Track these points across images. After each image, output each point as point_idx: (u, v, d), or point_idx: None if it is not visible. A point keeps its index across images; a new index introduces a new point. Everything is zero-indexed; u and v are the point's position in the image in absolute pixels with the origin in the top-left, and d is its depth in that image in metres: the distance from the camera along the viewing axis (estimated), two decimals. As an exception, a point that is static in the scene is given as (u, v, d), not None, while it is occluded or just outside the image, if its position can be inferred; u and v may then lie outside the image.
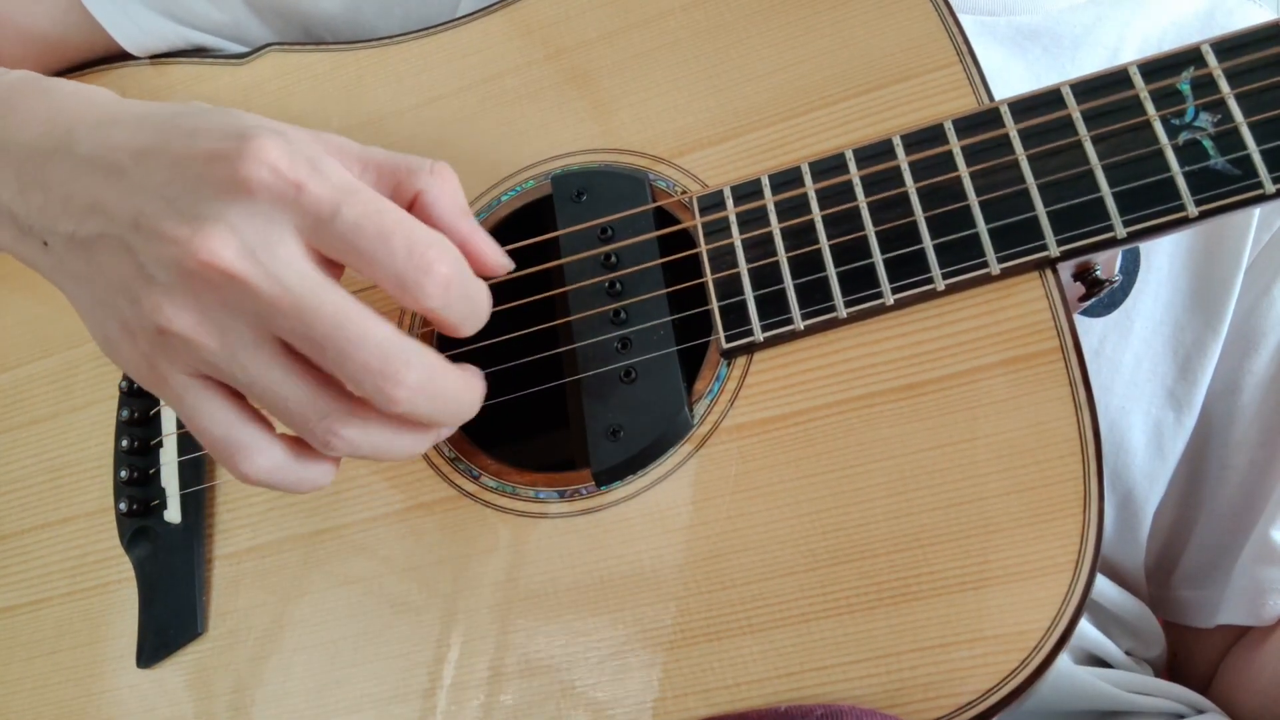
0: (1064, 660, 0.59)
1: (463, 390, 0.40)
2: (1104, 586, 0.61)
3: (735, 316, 0.46)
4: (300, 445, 0.40)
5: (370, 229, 0.36)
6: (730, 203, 0.48)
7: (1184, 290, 0.58)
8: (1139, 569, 0.63)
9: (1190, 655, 0.66)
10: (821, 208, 0.46)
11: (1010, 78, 0.59)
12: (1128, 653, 0.62)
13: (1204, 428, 0.60)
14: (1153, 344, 0.58)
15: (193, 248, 0.35)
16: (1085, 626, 0.60)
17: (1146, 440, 0.59)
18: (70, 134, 0.41)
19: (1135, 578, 0.63)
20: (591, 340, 0.48)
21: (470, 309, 0.39)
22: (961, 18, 0.48)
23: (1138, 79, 0.43)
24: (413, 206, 0.40)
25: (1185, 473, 0.61)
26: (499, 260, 0.42)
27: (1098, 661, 0.62)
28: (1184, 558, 0.64)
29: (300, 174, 0.36)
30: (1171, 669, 0.68)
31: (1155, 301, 0.58)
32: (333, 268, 0.38)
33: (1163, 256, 0.58)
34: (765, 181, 0.48)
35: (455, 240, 0.41)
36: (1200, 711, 0.59)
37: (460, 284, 0.38)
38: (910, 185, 0.45)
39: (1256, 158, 0.41)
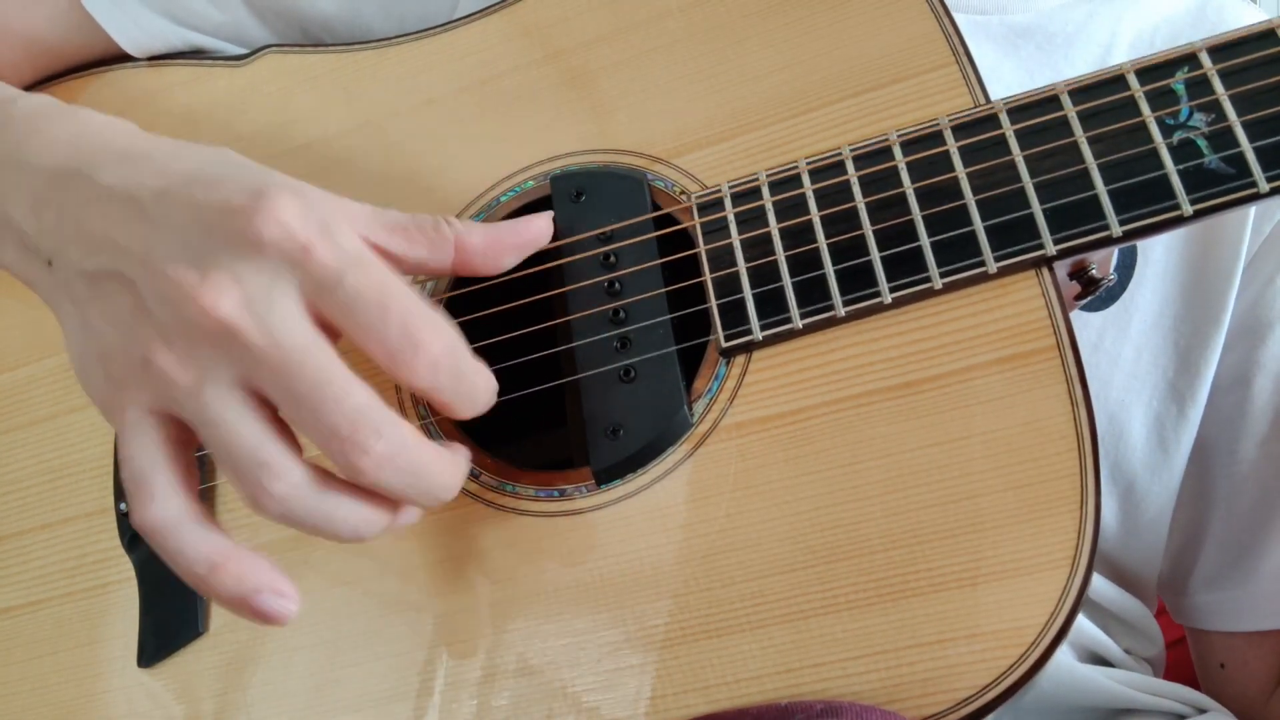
0: (1068, 658, 0.59)
1: (437, 469, 0.39)
2: (1103, 586, 0.61)
3: (734, 315, 0.46)
4: (205, 515, 0.39)
5: (370, 300, 0.37)
6: (728, 202, 0.48)
7: (1183, 283, 0.58)
8: (1144, 565, 0.63)
9: (1244, 663, 0.64)
10: (819, 207, 0.46)
11: (1004, 75, 0.59)
12: (1126, 651, 0.63)
13: (1212, 422, 0.60)
14: (1152, 337, 0.58)
15: (196, 294, 0.36)
16: (1086, 624, 0.61)
17: (1147, 432, 0.59)
18: (93, 162, 0.41)
19: (1139, 574, 0.63)
20: (591, 339, 0.49)
21: (464, 391, 0.39)
22: (955, 17, 0.49)
23: (1133, 79, 0.44)
24: (458, 250, 0.42)
25: (1196, 470, 0.61)
26: (541, 227, 0.46)
27: (1099, 659, 0.62)
28: (1201, 558, 0.63)
29: (311, 236, 0.37)
30: (1209, 681, 0.67)
31: (1154, 294, 0.58)
32: (330, 332, 0.38)
33: (1160, 249, 0.58)
34: (763, 181, 0.48)
35: (508, 241, 0.44)
36: (1202, 711, 0.59)
37: (450, 364, 0.38)
38: (907, 184, 0.45)
39: (1250, 156, 0.42)
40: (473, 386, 0.39)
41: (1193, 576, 0.64)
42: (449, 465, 0.39)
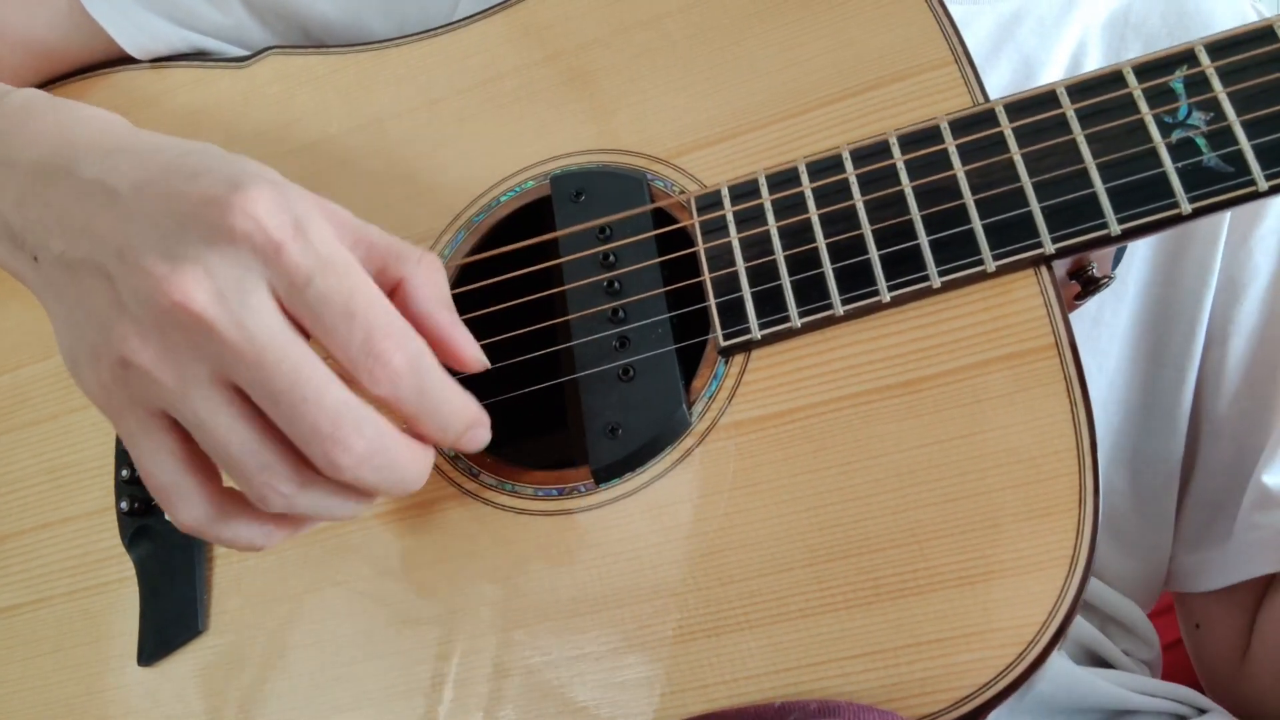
0: (1066, 661, 0.59)
1: (410, 463, 0.39)
2: (1101, 589, 0.61)
3: (733, 314, 0.47)
4: (232, 504, 0.40)
5: (337, 304, 0.37)
6: (728, 202, 0.48)
7: (1170, 250, 0.59)
8: (1158, 537, 0.62)
9: (1213, 626, 0.64)
10: (818, 206, 0.46)
11: (1000, 61, 0.60)
12: (1125, 653, 0.62)
13: (1199, 384, 0.60)
14: (1146, 304, 0.59)
15: (167, 286, 0.36)
16: (1085, 626, 0.61)
17: (1150, 400, 0.59)
18: (77, 157, 0.41)
19: (1153, 549, 0.63)
20: (590, 338, 0.49)
21: (428, 408, 0.39)
22: (950, 7, 0.49)
23: (1131, 78, 0.44)
24: (395, 291, 0.41)
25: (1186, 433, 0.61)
26: (475, 356, 0.42)
27: (1098, 660, 0.62)
28: (1182, 520, 0.63)
29: (284, 234, 0.36)
30: (1191, 643, 0.67)
31: (1145, 262, 0.59)
32: (300, 330, 0.38)
33: None
34: (762, 180, 0.48)
35: (432, 331, 0.41)
36: (1202, 711, 0.59)
37: (413, 381, 0.38)
38: (906, 183, 0.45)
39: (1249, 155, 0.42)
40: (438, 404, 0.39)
41: (1176, 540, 0.64)
42: (420, 456, 0.40)
